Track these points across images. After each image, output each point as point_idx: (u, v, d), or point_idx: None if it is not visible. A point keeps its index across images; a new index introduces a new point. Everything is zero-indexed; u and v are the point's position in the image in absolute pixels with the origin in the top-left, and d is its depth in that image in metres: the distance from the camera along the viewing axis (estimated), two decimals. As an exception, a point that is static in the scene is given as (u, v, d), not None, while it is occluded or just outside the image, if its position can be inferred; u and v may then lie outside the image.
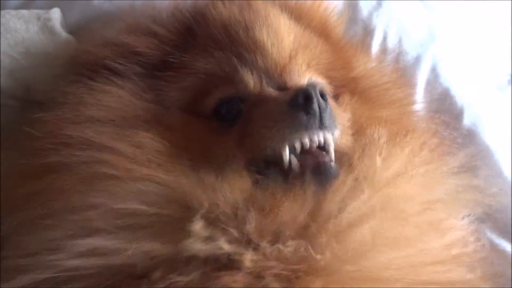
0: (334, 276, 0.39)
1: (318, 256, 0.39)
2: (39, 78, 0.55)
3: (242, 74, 0.46)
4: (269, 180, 0.41)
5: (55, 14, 0.60)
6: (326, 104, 0.41)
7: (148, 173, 0.41)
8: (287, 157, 0.41)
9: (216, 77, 0.46)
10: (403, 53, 0.67)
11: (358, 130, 0.49)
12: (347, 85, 0.52)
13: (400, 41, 0.67)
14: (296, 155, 0.42)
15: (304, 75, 0.48)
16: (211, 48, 0.48)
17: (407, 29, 0.69)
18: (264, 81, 0.46)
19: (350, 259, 0.39)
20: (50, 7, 0.61)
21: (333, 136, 0.43)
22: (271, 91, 0.45)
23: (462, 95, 0.67)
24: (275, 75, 0.46)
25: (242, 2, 0.52)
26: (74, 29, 0.61)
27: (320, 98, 0.41)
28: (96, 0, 0.63)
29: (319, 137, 0.42)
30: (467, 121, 0.66)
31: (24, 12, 0.60)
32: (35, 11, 0.60)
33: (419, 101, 0.65)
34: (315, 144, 0.42)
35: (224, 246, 0.37)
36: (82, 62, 0.51)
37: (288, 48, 0.48)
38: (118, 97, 0.46)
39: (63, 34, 0.58)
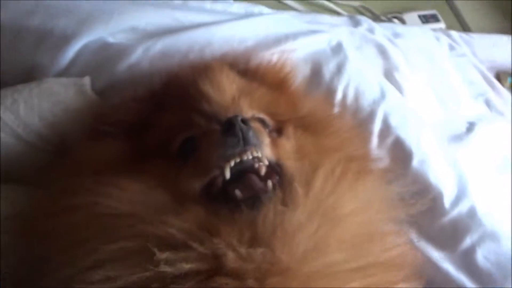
0: (293, 275, 0.47)
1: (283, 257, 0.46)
2: (72, 131, 0.72)
3: (195, 119, 0.60)
4: (218, 207, 0.51)
5: (87, 80, 0.78)
6: (247, 127, 0.53)
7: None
8: (229, 172, 0.53)
9: (179, 126, 0.61)
10: (359, 109, 0.81)
11: (302, 157, 0.60)
12: (292, 121, 0.65)
13: (356, 100, 0.82)
14: (236, 184, 0.52)
15: (247, 113, 0.60)
16: (175, 107, 0.63)
17: (362, 90, 0.84)
18: (212, 121, 0.58)
19: (302, 260, 0.47)
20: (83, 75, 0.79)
21: (261, 151, 0.54)
22: (216, 127, 0.57)
23: (411, 141, 0.79)
24: (221, 116, 0.58)
25: (200, 69, 0.67)
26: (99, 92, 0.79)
27: (241, 123, 0.53)
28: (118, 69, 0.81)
29: (247, 155, 0.53)
30: (415, 162, 0.78)
31: (64, 79, 0.78)
32: (72, 78, 0.78)
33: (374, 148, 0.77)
34: (248, 159, 0.53)
35: (184, 266, 0.46)
36: (95, 122, 0.68)
37: (230, 94, 0.61)
38: (108, 152, 0.61)
39: (93, 96, 0.76)
